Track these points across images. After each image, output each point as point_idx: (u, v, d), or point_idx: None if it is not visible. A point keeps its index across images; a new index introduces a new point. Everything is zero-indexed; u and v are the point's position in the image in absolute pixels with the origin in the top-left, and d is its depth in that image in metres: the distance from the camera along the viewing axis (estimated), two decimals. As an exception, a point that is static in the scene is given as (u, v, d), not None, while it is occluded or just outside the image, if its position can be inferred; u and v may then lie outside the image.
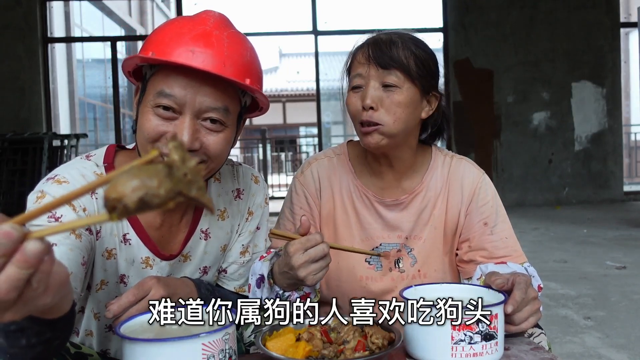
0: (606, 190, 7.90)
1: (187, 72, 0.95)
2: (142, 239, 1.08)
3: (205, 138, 0.99)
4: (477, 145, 7.77)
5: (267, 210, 1.26)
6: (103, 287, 1.09)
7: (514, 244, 1.29)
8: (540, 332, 1.12)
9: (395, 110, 1.18)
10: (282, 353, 0.89)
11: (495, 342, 0.90)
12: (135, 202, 0.49)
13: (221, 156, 1.03)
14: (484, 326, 0.88)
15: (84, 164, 1.05)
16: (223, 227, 1.18)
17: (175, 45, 0.95)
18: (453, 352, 0.88)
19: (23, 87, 7.37)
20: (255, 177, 1.24)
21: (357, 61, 1.22)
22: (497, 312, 0.90)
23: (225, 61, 0.95)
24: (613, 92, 7.84)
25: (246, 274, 1.22)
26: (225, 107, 0.99)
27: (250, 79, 0.99)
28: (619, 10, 7.97)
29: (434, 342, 0.90)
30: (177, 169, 0.52)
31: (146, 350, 0.77)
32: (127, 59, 1.01)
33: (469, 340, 0.88)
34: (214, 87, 0.97)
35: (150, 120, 0.97)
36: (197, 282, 1.10)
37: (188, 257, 1.14)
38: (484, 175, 1.33)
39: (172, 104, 0.96)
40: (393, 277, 1.31)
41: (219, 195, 1.18)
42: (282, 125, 21.26)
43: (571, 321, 2.92)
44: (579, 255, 4.53)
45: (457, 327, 0.87)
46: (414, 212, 1.30)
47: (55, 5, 9.48)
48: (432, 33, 8.30)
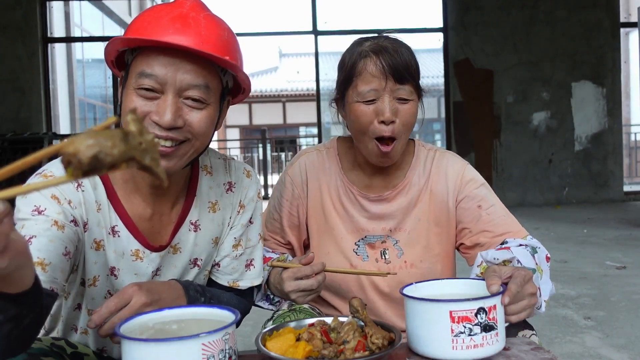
0: (606, 190, 7.90)
1: (166, 52, 0.97)
2: (131, 231, 1.08)
3: (188, 115, 1.00)
4: (477, 145, 7.77)
5: (260, 205, 1.27)
6: (96, 284, 1.09)
7: (512, 221, 1.33)
8: (531, 333, 1.12)
9: (409, 121, 1.23)
10: (282, 353, 0.89)
11: (496, 333, 0.91)
12: (89, 157, 0.53)
13: (205, 133, 1.04)
14: (483, 317, 0.90)
15: None
16: (214, 219, 1.18)
17: (153, 27, 0.98)
18: (454, 345, 0.90)
19: (23, 87, 7.37)
20: (248, 171, 1.24)
21: (370, 73, 1.20)
22: (496, 304, 0.92)
23: (203, 40, 0.98)
24: (613, 92, 7.84)
25: (239, 267, 1.23)
26: (206, 84, 1.00)
27: (229, 56, 1.00)
28: (619, 10, 7.97)
29: (435, 335, 0.91)
30: (133, 138, 0.58)
31: (146, 350, 0.77)
32: (109, 45, 1.03)
33: (468, 332, 0.89)
34: (193, 64, 0.98)
35: (134, 102, 0.99)
36: (185, 285, 1.09)
37: (178, 248, 1.14)
38: (467, 165, 1.37)
39: (153, 83, 0.98)
40: (380, 267, 1.34)
41: (211, 188, 1.19)
42: (282, 125, 21.28)
43: (571, 321, 2.92)
44: (579, 255, 4.54)
45: (456, 319, 0.89)
46: (398, 206, 1.35)
47: (55, 5, 9.47)
48: (432, 33, 8.32)
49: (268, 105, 21.10)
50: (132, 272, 1.10)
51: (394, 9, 37.68)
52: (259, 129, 15.24)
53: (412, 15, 32.84)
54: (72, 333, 1.15)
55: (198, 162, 1.18)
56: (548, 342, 2.59)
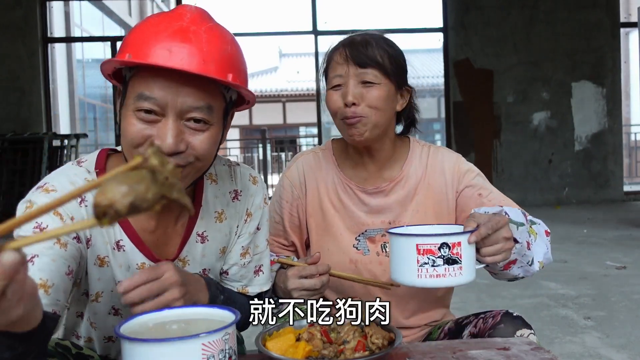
0: (606, 190, 7.91)
1: (166, 73, 0.92)
2: (136, 244, 1.06)
3: (190, 138, 0.96)
4: (477, 145, 7.77)
5: (267, 210, 1.24)
6: (98, 299, 1.07)
7: (511, 203, 1.35)
8: (529, 332, 1.12)
9: (375, 103, 1.28)
10: (282, 353, 0.89)
11: (459, 267, 1.02)
12: (126, 206, 0.52)
13: (209, 155, 1.01)
14: (446, 252, 1.01)
15: (74, 170, 1.04)
16: (221, 229, 1.16)
17: (151, 45, 0.92)
18: (419, 274, 1.03)
19: (23, 87, 7.37)
20: (254, 177, 1.22)
21: (335, 62, 1.31)
22: (460, 241, 1.02)
23: (204, 58, 0.92)
24: (613, 92, 7.84)
25: (248, 274, 1.22)
26: (209, 105, 0.96)
27: (232, 73, 0.96)
28: (619, 10, 7.97)
29: (405, 265, 1.04)
30: (160, 173, 0.56)
31: (146, 350, 0.77)
32: (105, 63, 0.97)
33: (432, 263, 1.01)
34: (195, 86, 0.94)
35: (133, 125, 0.95)
36: (207, 280, 1.08)
37: (186, 261, 1.12)
38: (460, 156, 1.43)
39: (153, 106, 0.93)
40: (381, 260, 1.36)
41: (216, 197, 1.16)
42: (282, 125, 21.27)
43: (571, 321, 2.92)
44: (579, 255, 4.54)
45: (421, 251, 1.02)
46: (396, 199, 1.38)
47: (55, 5, 9.48)
48: (432, 33, 8.32)
49: (268, 105, 21.09)
50: None
51: (394, 9, 37.69)
52: (259, 129, 15.23)
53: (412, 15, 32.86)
54: (73, 339, 1.13)
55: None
56: (548, 342, 2.59)
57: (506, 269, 1.19)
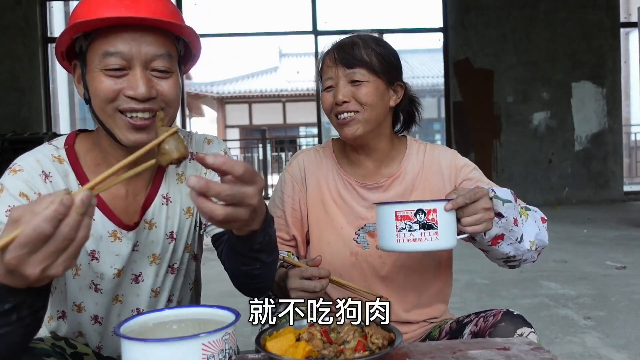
0: (606, 190, 7.91)
1: (125, 28, 0.98)
2: (105, 213, 1.10)
3: (158, 85, 1.02)
4: (477, 145, 7.77)
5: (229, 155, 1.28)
6: (79, 273, 1.10)
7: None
8: (529, 331, 1.12)
9: (365, 100, 1.33)
10: (282, 353, 0.89)
11: (435, 232, 1.09)
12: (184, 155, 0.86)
13: (175, 101, 1.06)
14: (422, 217, 1.09)
15: (43, 148, 1.10)
16: (182, 190, 1.20)
17: (103, 5, 0.97)
18: (397, 238, 1.11)
19: (23, 87, 7.37)
20: (209, 140, 1.26)
21: (326, 65, 1.38)
22: (436, 208, 1.09)
23: (156, 8, 0.99)
24: (613, 92, 7.85)
25: None
26: (168, 52, 1.03)
27: (181, 23, 1.03)
28: (619, 10, 7.97)
29: (386, 231, 1.13)
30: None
31: (145, 350, 0.77)
32: (62, 35, 1.01)
33: (408, 228, 1.09)
34: (154, 35, 1.00)
35: (103, 82, 1.00)
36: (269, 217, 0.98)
37: (153, 224, 1.15)
38: (456, 152, 1.47)
39: (119, 61, 0.98)
40: (380, 254, 1.39)
41: None
42: (282, 125, 21.28)
43: (571, 321, 2.92)
44: (579, 255, 4.54)
45: (399, 217, 1.10)
46: (395, 194, 1.42)
47: (55, 5, 9.47)
48: (432, 33, 8.33)
49: (268, 105, 21.11)
50: (114, 253, 1.11)
51: (394, 9, 37.72)
52: (259, 129, 15.25)
53: (412, 15, 32.87)
54: (60, 322, 1.15)
55: None
56: (548, 342, 2.59)
57: (494, 244, 1.20)
